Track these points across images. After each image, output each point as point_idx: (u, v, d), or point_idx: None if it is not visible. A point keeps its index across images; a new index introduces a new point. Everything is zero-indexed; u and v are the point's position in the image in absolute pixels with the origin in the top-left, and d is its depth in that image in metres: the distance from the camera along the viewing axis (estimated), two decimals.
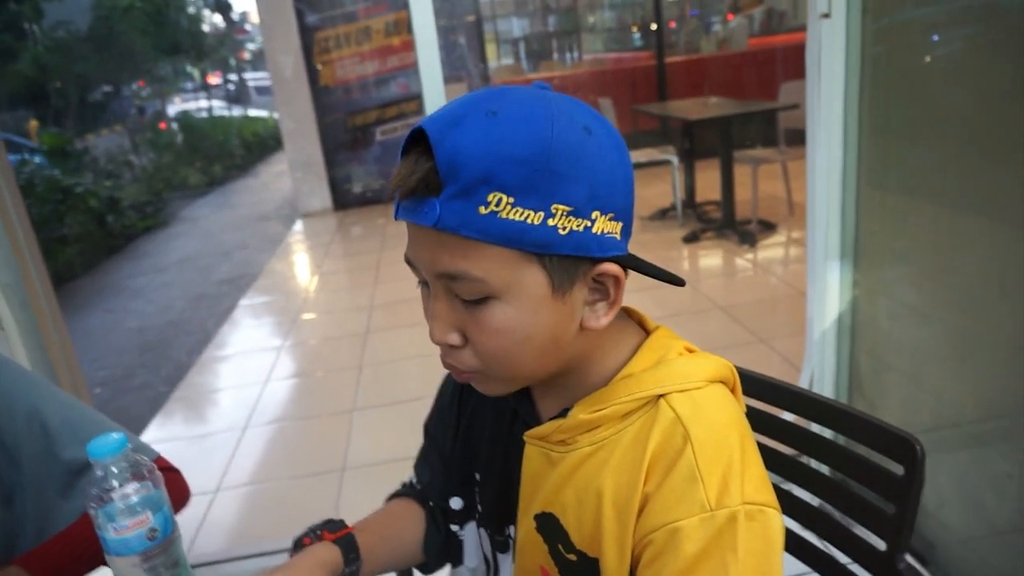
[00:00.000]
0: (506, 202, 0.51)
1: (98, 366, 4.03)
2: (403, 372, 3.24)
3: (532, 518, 0.68)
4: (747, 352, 2.90)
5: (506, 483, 0.71)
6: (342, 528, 0.76)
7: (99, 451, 0.62)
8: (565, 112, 0.54)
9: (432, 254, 0.55)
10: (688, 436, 0.57)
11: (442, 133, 0.52)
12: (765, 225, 4.49)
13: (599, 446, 0.62)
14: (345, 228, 6.74)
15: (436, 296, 0.58)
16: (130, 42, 13.83)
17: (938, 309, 1.62)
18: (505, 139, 0.51)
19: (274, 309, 4.79)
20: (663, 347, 0.63)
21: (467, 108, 0.53)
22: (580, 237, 0.54)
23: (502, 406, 0.73)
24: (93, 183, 7.86)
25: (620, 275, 0.58)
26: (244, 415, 3.02)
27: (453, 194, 0.51)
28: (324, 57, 6.86)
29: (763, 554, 0.55)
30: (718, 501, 0.54)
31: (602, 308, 0.59)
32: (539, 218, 0.52)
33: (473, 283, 0.54)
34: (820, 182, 1.78)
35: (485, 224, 0.52)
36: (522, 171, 0.51)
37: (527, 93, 0.55)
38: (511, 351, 0.57)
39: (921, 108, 1.57)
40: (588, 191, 0.53)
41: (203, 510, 2.30)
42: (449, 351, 0.60)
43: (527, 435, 0.67)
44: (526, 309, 0.56)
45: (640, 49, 8.65)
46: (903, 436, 0.72)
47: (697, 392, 0.60)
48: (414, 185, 0.53)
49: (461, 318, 0.57)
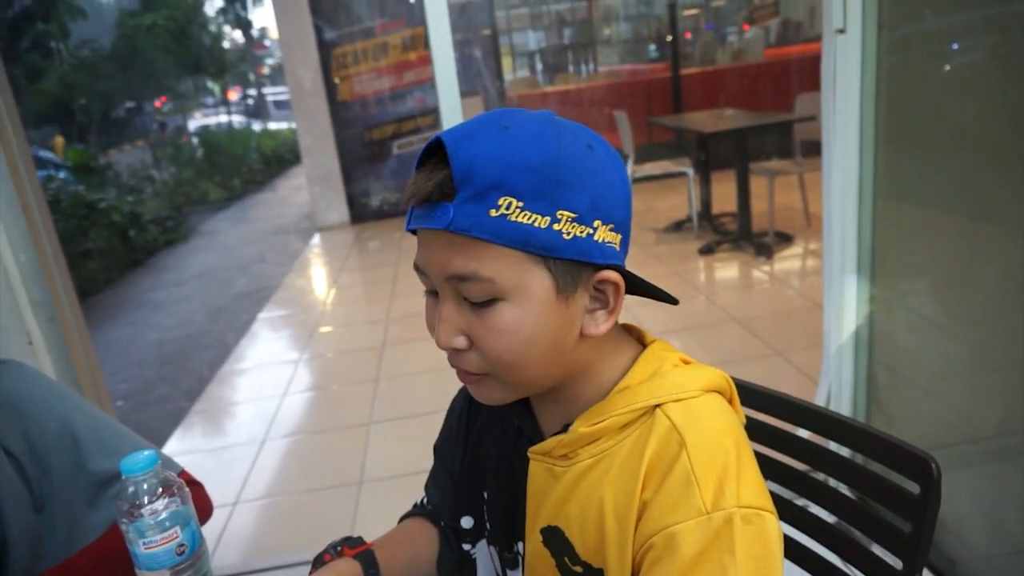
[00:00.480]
0: (516, 206, 0.55)
1: (120, 379, 4.09)
2: (419, 385, 3.25)
3: (538, 532, 0.69)
4: (763, 365, 2.88)
5: (513, 500, 0.73)
6: (361, 544, 0.78)
7: (131, 468, 0.64)
8: (570, 131, 0.59)
9: (443, 256, 0.58)
10: (683, 442, 0.58)
11: (458, 143, 0.56)
12: (782, 237, 4.47)
13: (599, 458, 0.64)
14: (362, 242, 6.80)
15: (444, 300, 0.61)
16: (152, 59, 14.09)
17: (956, 322, 1.61)
18: (516, 149, 0.56)
19: (292, 322, 4.83)
20: (658, 359, 0.65)
21: (481, 123, 0.58)
22: (583, 243, 0.57)
23: (507, 424, 0.75)
24: (116, 198, 7.98)
25: (620, 283, 0.60)
26: (263, 428, 3.04)
27: (466, 198, 0.55)
28: (342, 72, 6.95)
29: (761, 558, 0.55)
30: (714, 504, 0.55)
31: (601, 316, 0.62)
32: (545, 222, 0.56)
33: (483, 283, 0.57)
34: (836, 194, 1.78)
35: (496, 226, 0.55)
36: (531, 178, 0.55)
37: (536, 114, 0.60)
38: (516, 352, 0.59)
39: (937, 120, 1.57)
40: (590, 200, 0.57)
41: (222, 522, 2.32)
42: (455, 354, 0.62)
43: (531, 451, 0.68)
44: (532, 311, 0.58)
45: (655, 61, 8.67)
46: (919, 455, 0.72)
47: (692, 401, 0.61)
48: (429, 190, 0.57)
49: (468, 321, 0.60)
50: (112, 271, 6.76)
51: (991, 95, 1.41)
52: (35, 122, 12.07)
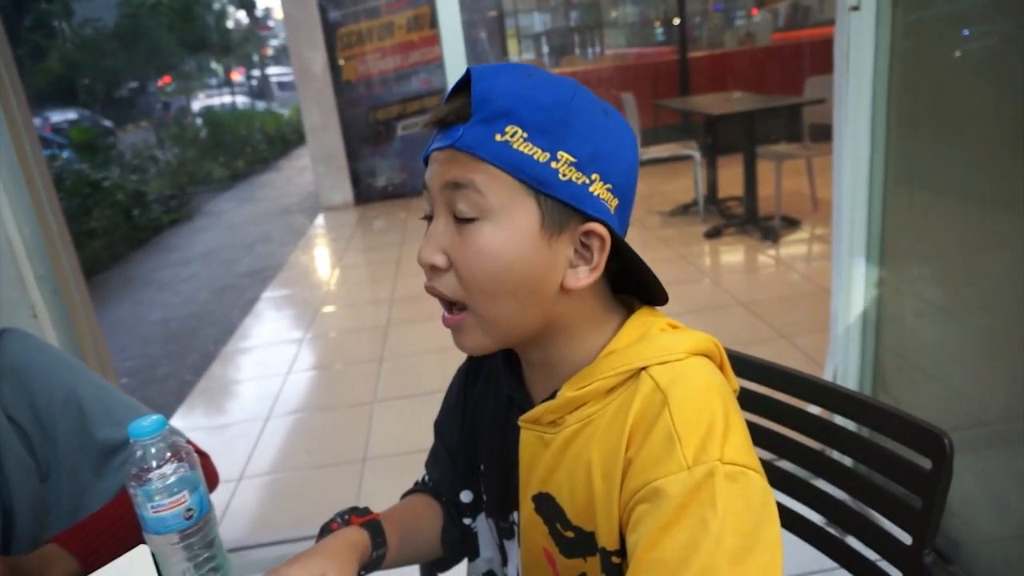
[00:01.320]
0: (520, 135, 0.58)
1: (125, 356, 4.10)
2: (423, 365, 3.26)
3: (530, 500, 0.70)
4: (768, 348, 2.87)
5: (506, 470, 0.73)
6: (368, 514, 0.78)
7: (139, 432, 0.64)
8: (588, 95, 0.63)
9: (445, 167, 0.61)
10: (666, 400, 0.58)
11: (483, 75, 0.60)
12: (788, 221, 4.45)
13: (586, 422, 0.64)
14: (367, 222, 6.79)
15: (437, 216, 0.63)
16: (156, 38, 14.00)
17: (965, 308, 1.60)
18: (534, 87, 0.60)
19: (296, 302, 4.83)
20: (646, 324, 0.66)
21: (510, 66, 0.62)
22: (576, 189, 0.59)
23: (499, 395, 0.75)
24: (120, 177, 7.97)
25: (605, 237, 0.61)
26: (266, 406, 3.05)
27: (477, 121, 0.59)
28: (347, 52, 6.90)
29: (745, 514, 0.54)
30: (695, 458, 0.55)
31: (584, 271, 0.62)
32: (545, 157, 0.58)
33: (474, 195, 0.59)
34: (847, 177, 1.76)
35: (498, 149, 0.58)
36: (541, 114, 0.59)
37: (561, 76, 0.63)
38: (491, 276, 0.60)
39: (952, 104, 1.54)
40: (593, 152, 0.60)
41: (227, 497, 2.34)
42: (433, 275, 0.64)
43: (521, 420, 0.69)
44: (513, 237, 0.60)
45: (663, 44, 8.59)
46: (932, 430, 0.72)
47: (678, 363, 0.62)
48: (447, 112, 0.61)
49: (451, 241, 0.62)
50: (117, 250, 6.76)
51: (1007, 79, 1.39)
52: (39, 101, 12.03)
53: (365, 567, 0.72)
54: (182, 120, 14.23)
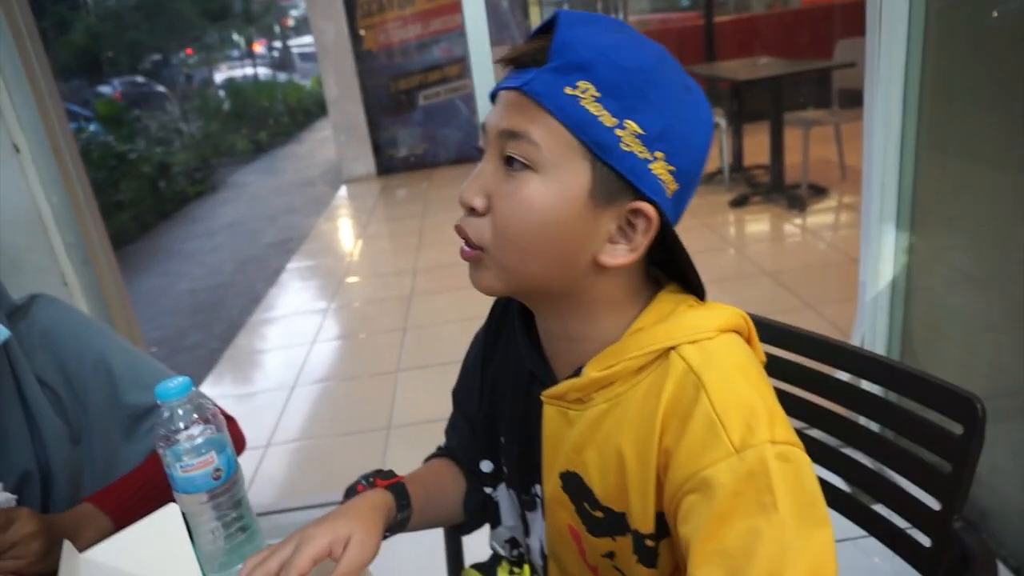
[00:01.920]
0: (591, 93, 0.55)
1: (154, 326, 4.18)
2: (446, 335, 3.27)
3: (557, 477, 0.69)
4: (795, 318, 2.83)
5: (528, 443, 0.72)
6: (393, 477, 0.78)
7: (166, 393, 0.65)
8: (675, 66, 0.59)
9: (507, 111, 0.58)
10: (701, 384, 0.56)
11: (570, 22, 0.57)
12: (815, 190, 4.36)
13: (615, 402, 0.62)
14: (389, 192, 6.79)
15: (488, 158, 0.61)
16: (179, 10, 14.00)
17: (997, 277, 1.56)
18: (618, 46, 0.56)
19: (320, 272, 4.87)
20: (673, 300, 0.63)
21: (600, 18, 0.59)
22: (636, 163, 0.56)
23: (520, 367, 0.73)
24: (146, 150, 8.05)
25: (653, 218, 0.58)
26: (292, 375, 3.10)
27: (551, 68, 0.56)
28: (367, 21, 6.84)
29: (799, 493, 0.52)
30: (743, 442, 0.53)
31: (622, 250, 0.60)
32: (612, 122, 0.55)
33: (529, 145, 0.57)
34: (878, 144, 1.72)
35: (564, 103, 0.55)
36: (618, 76, 0.55)
37: (651, 40, 0.60)
38: (525, 230, 0.58)
39: (989, 67, 1.49)
40: (663, 129, 0.56)
41: (255, 464, 2.39)
42: (468, 217, 0.61)
43: (544, 395, 0.67)
44: (558, 195, 0.57)
45: (687, 9, 8.40)
46: (964, 394, 0.70)
47: (708, 342, 0.59)
48: (523, 51, 0.58)
49: (496, 185, 0.59)
50: (144, 221, 6.85)
51: None
52: (63, 74, 12.13)
53: (390, 529, 0.73)
54: (205, 92, 14.27)
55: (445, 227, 5.12)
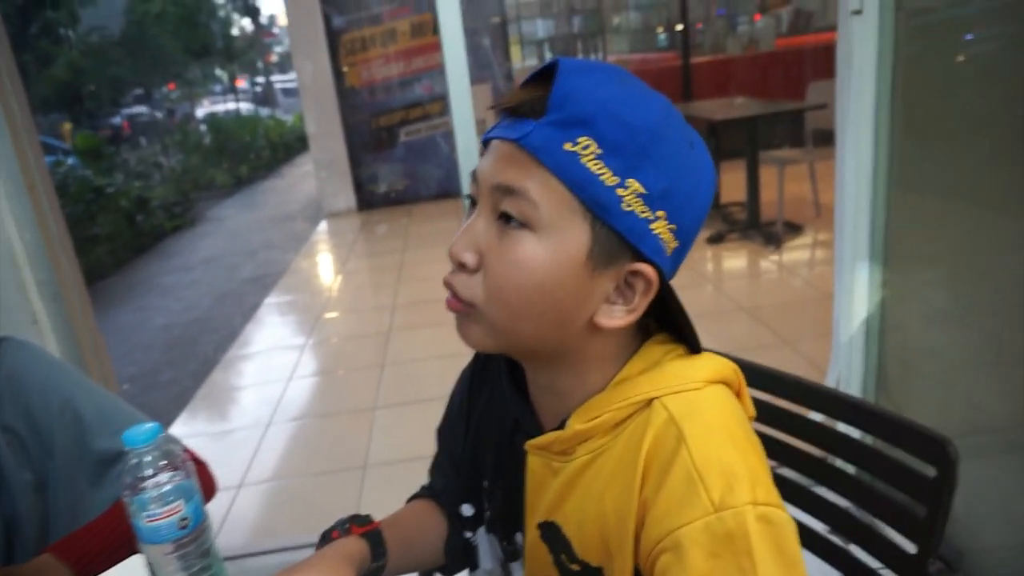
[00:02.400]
0: (593, 151, 0.53)
1: (127, 362, 4.10)
2: (425, 372, 3.25)
3: (536, 527, 0.67)
4: (771, 355, 2.86)
5: (511, 491, 0.71)
6: (369, 523, 0.76)
7: (134, 439, 0.63)
8: (680, 121, 0.57)
9: (502, 165, 0.56)
10: (682, 436, 0.54)
11: (571, 71, 0.54)
12: (791, 227, 4.43)
13: (596, 454, 0.60)
14: (369, 228, 6.79)
15: (480, 212, 0.58)
16: (161, 45, 14.08)
17: (970, 313, 1.59)
18: (622, 101, 0.54)
19: (298, 307, 4.83)
20: (661, 350, 0.61)
21: (602, 66, 0.56)
22: (637, 224, 0.54)
23: (505, 413, 0.72)
24: (124, 184, 8.00)
25: (653, 280, 0.56)
26: (268, 412, 3.05)
27: (551, 122, 0.53)
28: (350, 59, 6.92)
29: (780, 559, 0.50)
30: (722, 502, 0.51)
31: (619, 311, 0.58)
32: (613, 181, 0.53)
33: (525, 203, 0.54)
34: (849, 182, 1.75)
35: (564, 160, 0.53)
36: (621, 133, 0.53)
37: (655, 91, 0.58)
38: (520, 292, 0.56)
39: (955, 108, 1.54)
40: (666, 188, 0.54)
41: (227, 505, 2.33)
42: (458, 272, 0.59)
43: (529, 445, 0.66)
44: (555, 257, 0.55)
45: (665, 50, 8.60)
46: (936, 437, 0.71)
47: (693, 393, 0.57)
48: (521, 101, 0.55)
49: (488, 243, 0.57)
50: (120, 256, 6.77)
51: (1010, 84, 1.38)
52: (44, 108, 12.09)
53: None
54: (186, 126, 14.28)
55: (425, 263, 5.12)
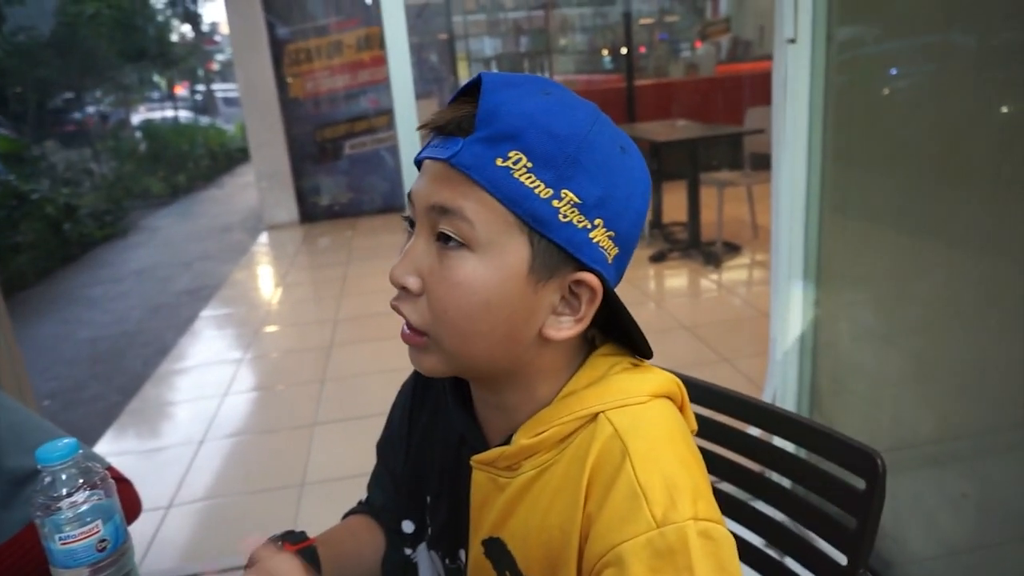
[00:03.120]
0: (524, 164, 0.52)
1: (48, 377, 3.90)
2: (367, 387, 3.19)
3: (480, 543, 0.66)
4: (711, 371, 2.92)
5: (455, 507, 0.70)
6: (304, 540, 0.74)
7: (48, 456, 0.60)
8: (609, 126, 0.57)
9: (435, 184, 0.55)
10: (627, 450, 0.54)
11: (495, 86, 0.54)
12: (730, 247, 4.56)
13: (542, 469, 0.60)
14: (311, 240, 6.67)
15: (418, 234, 0.57)
16: (94, 48, 13.59)
17: (896, 332, 1.65)
18: (548, 111, 0.54)
19: (236, 321, 4.69)
20: (607, 362, 0.62)
21: (525, 79, 0.56)
22: (575, 233, 0.54)
23: (450, 428, 0.71)
24: (50, 190, 7.64)
25: (597, 289, 0.56)
26: (201, 429, 2.94)
27: (479, 139, 0.53)
28: (294, 70, 6.82)
29: (723, 573, 0.51)
30: (664, 517, 0.51)
31: (567, 322, 0.58)
32: (547, 194, 0.53)
33: (462, 222, 0.54)
34: (785, 204, 1.81)
35: (496, 176, 0.52)
36: (551, 145, 0.53)
37: (580, 97, 0.58)
38: (465, 313, 0.55)
39: (882, 137, 1.61)
40: (600, 196, 0.54)
41: (154, 526, 2.23)
42: (402, 297, 0.58)
43: (474, 460, 0.65)
44: (496, 274, 0.54)
45: (610, 72, 8.78)
46: (865, 450, 0.73)
47: (638, 407, 0.58)
48: (447, 120, 0.55)
49: (429, 265, 0.56)
50: (43, 265, 6.45)
51: (932, 117, 1.46)
52: None
53: None
54: (120, 132, 13.78)
55: (368, 276, 5.05)
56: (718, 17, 9.46)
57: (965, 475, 1.46)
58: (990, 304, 1.35)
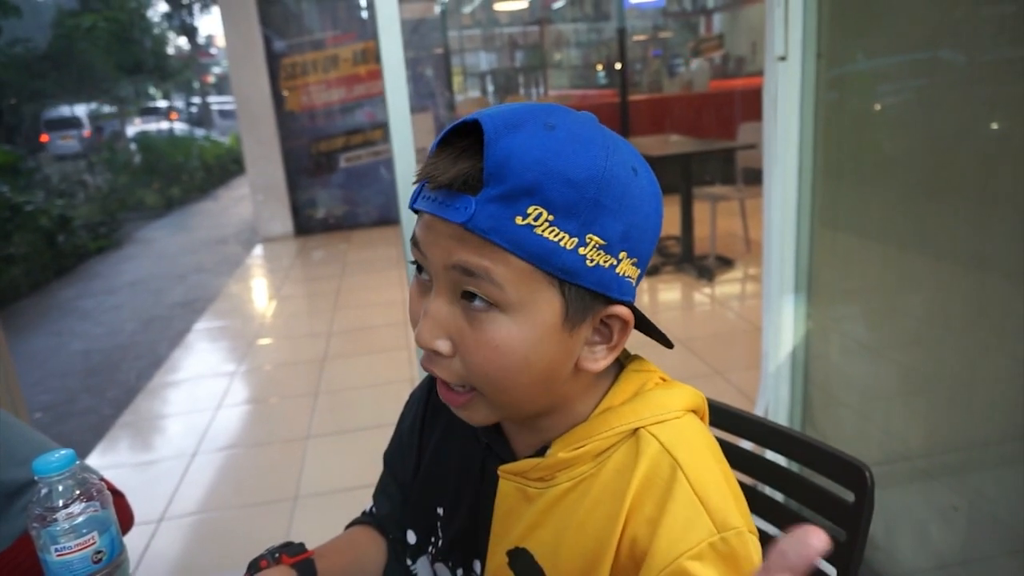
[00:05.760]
0: (545, 219, 0.50)
1: (41, 389, 3.87)
2: (360, 400, 3.18)
3: (504, 554, 0.65)
4: (704, 384, 2.90)
5: (475, 517, 0.69)
6: (302, 552, 0.74)
7: (45, 468, 0.60)
8: (619, 147, 0.54)
9: (451, 245, 0.52)
10: (677, 463, 0.55)
11: (498, 132, 0.49)
12: (723, 261, 4.58)
13: (578, 480, 0.60)
14: (306, 253, 6.67)
15: (438, 294, 0.54)
16: (90, 61, 13.61)
17: (886, 345, 1.67)
18: (562, 155, 0.50)
19: (229, 333, 4.68)
20: (639, 379, 0.62)
21: (525, 115, 0.51)
22: (604, 274, 0.53)
23: (470, 439, 0.71)
24: (44, 201, 7.63)
25: (629, 319, 0.56)
26: (193, 442, 2.92)
27: (493, 197, 0.49)
28: (290, 83, 6.85)
29: None
30: (723, 523, 0.53)
31: (601, 351, 0.58)
32: (572, 244, 0.51)
33: (489, 286, 0.51)
34: (776, 219, 1.83)
35: (519, 236, 0.50)
36: (570, 193, 0.50)
37: (583, 117, 0.55)
38: (505, 373, 0.54)
39: (871, 152, 1.63)
40: (623, 230, 0.53)
41: (146, 540, 2.21)
42: (435, 360, 0.56)
43: (502, 470, 0.64)
44: (533, 333, 0.53)
45: (604, 87, 8.85)
46: (853, 463, 0.74)
47: (676, 422, 0.59)
48: (452, 176, 0.50)
49: (458, 326, 0.54)
50: (36, 277, 6.43)
51: (920, 132, 1.48)
52: None
53: None
54: (115, 144, 13.79)
55: (362, 289, 5.05)
56: (712, 34, 9.57)
57: (955, 488, 1.47)
58: (979, 317, 1.36)
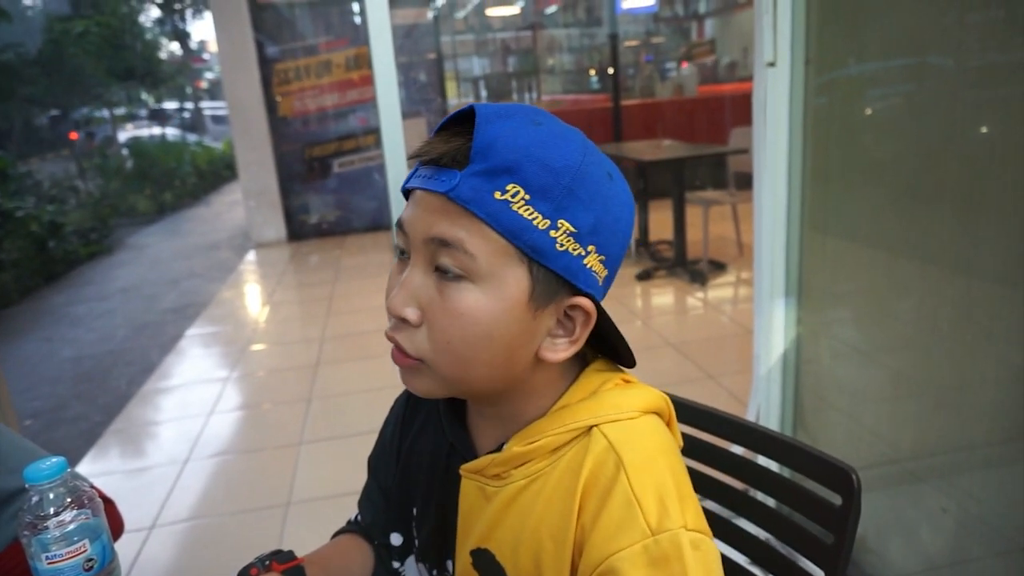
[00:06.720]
0: (522, 197, 0.54)
1: (31, 396, 3.85)
2: (353, 406, 3.18)
3: (468, 554, 0.67)
4: (696, 388, 2.94)
5: (443, 517, 0.70)
6: (291, 559, 0.74)
7: (36, 475, 0.60)
8: (597, 153, 0.58)
9: (432, 216, 0.56)
10: (621, 462, 0.56)
11: (489, 118, 0.55)
12: (715, 265, 4.60)
13: (532, 479, 0.61)
14: (299, 259, 6.66)
15: (413, 265, 0.58)
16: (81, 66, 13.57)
17: (876, 349, 1.68)
18: (543, 144, 0.55)
19: (222, 339, 4.67)
20: (600, 378, 0.64)
21: (515, 110, 0.57)
22: (571, 261, 0.56)
23: (440, 438, 0.72)
24: (35, 207, 7.59)
25: (592, 312, 0.58)
26: (185, 448, 2.91)
27: (476, 172, 0.54)
28: (283, 88, 6.84)
29: None
30: (658, 525, 0.53)
31: (562, 344, 0.60)
32: (545, 224, 0.54)
33: (462, 255, 0.55)
34: (767, 223, 1.84)
35: (495, 209, 0.54)
36: (547, 177, 0.54)
37: (568, 126, 0.59)
38: (468, 343, 0.57)
39: (860, 157, 1.65)
40: (593, 223, 0.56)
41: (137, 547, 2.20)
42: (400, 327, 0.59)
43: (463, 469, 0.66)
44: (498, 305, 0.56)
45: (597, 92, 8.88)
46: (841, 466, 0.75)
47: (630, 422, 0.60)
48: (442, 152, 0.55)
49: (428, 296, 0.57)
50: (27, 283, 6.39)
51: (908, 137, 1.50)
52: None
53: None
54: (106, 150, 13.73)
55: (355, 294, 5.05)
56: (703, 39, 9.62)
57: (944, 490, 1.48)
58: (967, 321, 1.38)
